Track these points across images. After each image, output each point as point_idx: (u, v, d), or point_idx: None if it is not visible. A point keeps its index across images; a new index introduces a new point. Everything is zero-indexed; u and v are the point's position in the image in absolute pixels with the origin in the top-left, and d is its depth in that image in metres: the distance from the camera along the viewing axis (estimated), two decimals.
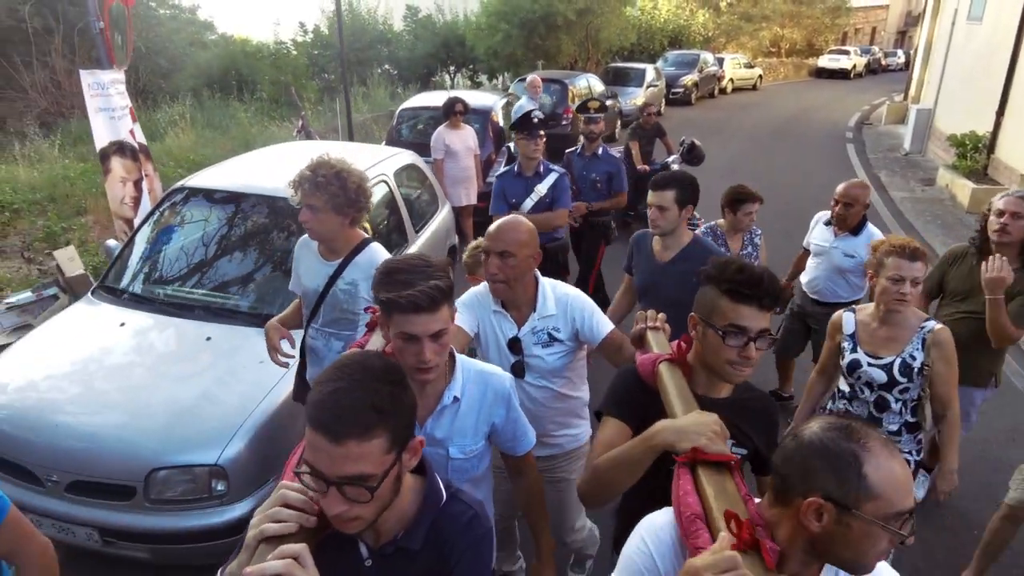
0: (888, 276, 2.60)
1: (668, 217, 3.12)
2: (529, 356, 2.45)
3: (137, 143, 5.66)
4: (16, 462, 3.04)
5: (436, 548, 1.40)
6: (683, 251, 3.18)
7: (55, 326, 3.79)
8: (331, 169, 2.66)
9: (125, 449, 2.96)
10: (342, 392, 1.20)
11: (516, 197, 4.53)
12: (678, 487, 1.40)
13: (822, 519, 1.20)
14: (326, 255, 2.84)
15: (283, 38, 19.55)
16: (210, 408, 3.09)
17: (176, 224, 4.28)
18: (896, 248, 2.61)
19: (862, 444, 1.20)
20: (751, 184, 4.18)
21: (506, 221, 2.43)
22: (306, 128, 9.02)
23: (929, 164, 12.84)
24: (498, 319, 2.48)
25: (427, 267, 1.74)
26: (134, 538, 2.97)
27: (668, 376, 1.75)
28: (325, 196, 2.63)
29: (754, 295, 1.68)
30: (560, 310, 2.46)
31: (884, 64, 36.23)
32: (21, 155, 10.38)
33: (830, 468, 1.20)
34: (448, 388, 1.88)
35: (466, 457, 1.93)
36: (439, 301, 1.69)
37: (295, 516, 1.20)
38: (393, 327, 1.72)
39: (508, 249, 2.33)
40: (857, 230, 3.89)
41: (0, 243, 7.37)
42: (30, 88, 13.32)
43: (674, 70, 21.52)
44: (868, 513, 1.17)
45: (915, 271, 2.58)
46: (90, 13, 5.23)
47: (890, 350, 2.71)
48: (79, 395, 3.21)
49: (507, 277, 2.36)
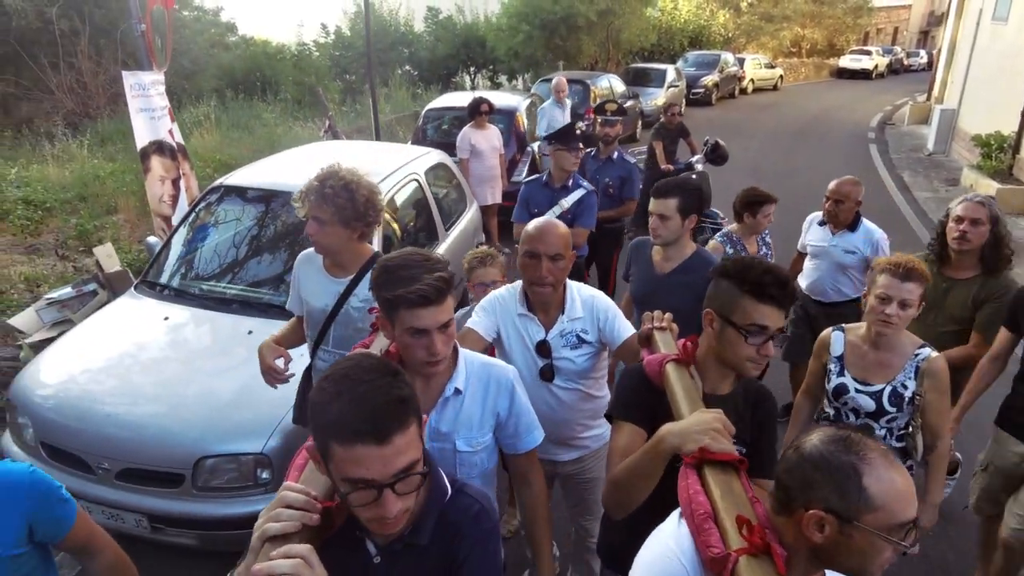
0: (876, 294, 2.44)
1: (670, 226, 2.99)
2: (558, 359, 2.44)
3: (175, 143, 5.79)
4: (68, 450, 3.15)
5: (444, 542, 1.39)
6: (685, 263, 3.06)
7: (101, 320, 3.90)
8: (340, 181, 2.53)
9: (174, 438, 3.06)
10: (364, 397, 1.19)
11: (539, 207, 4.39)
12: (686, 487, 1.41)
13: (824, 530, 1.23)
14: (334, 271, 2.67)
15: (305, 39, 19.76)
16: (254, 399, 3.16)
17: (214, 221, 4.38)
18: (891, 265, 2.44)
19: (861, 456, 1.22)
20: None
21: (546, 223, 2.41)
22: (333, 128, 9.12)
23: (953, 164, 12.74)
24: (524, 323, 2.46)
25: (425, 260, 1.73)
26: (182, 524, 3.06)
27: (675, 376, 1.76)
28: (332, 208, 2.49)
29: (779, 297, 1.71)
30: (587, 311, 2.45)
31: (906, 64, 35.88)
32: (51, 155, 10.58)
33: (830, 481, 1.22)
34: (450, 380, 1.88)
35: (474, 450, 1.92)
36: (445, 292, 1.70)
37: (297, 515, 1.21)
38: (399, 324, 1.71)
39: (560, 252, 2.33)
40: (854, 226, 3.85)
41: (34, 241, 7.53)
42: (56, 89, 13.55)
43: (694, 70, 21.48)
44: (869, 525, 1.19)
45: (905, 292, 2.39)
46: (132, 16, 5.36)
47: (881, 377, 2.52)
48: (127, 386, 3.32)
49: (556, 280, 2.35)
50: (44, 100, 13.76)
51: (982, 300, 3.11)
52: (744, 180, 11.22)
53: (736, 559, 1.22)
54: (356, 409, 1.18)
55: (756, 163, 12.57)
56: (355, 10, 20.40)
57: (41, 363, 3.53)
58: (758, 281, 1.71)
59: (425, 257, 1.75)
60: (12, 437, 3.38)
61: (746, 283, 1.72)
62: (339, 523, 1.33)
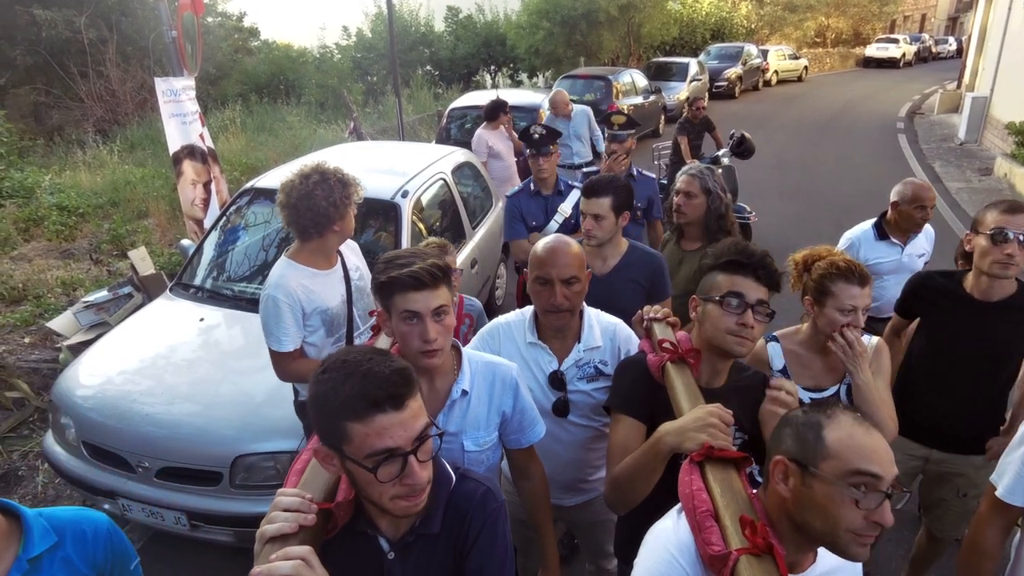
0: (837, 307, 2.19)
1: (605, 226, 2.80)
2: (573, 392, 2.21)
3: (206, 147, 5.88)
4: (109, 449, 3.21)
5: (454, 528, 1.42)
6: (623, 260, 2.88)
7: (139, 321, 3.97)
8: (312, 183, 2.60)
9: (211, 436, 3.11)
10: (371, 372, 1.23)
11: (536, 219, 4.00)
12: (688, 482, 1.41)
13: (788, 481, 1.28)
14: (323, 266, 2.73)
15: (327, 42, 19.94)
16: (288, 398, 3.18)
17: (245, 224, 4.44)
18: (843, 272, 2.20)
19: (829, 415, 1.29)
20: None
21: (556, 243, 2.16)
22: (357, 130, 9.20)
23: (985, 153, 12.49)
24: (534, 353, 2.22)
25: (425, 253, 1.79)
26: (220, 522, 3.11)
27: (675, 374, 1.78)
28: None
29: (749, 264, 1.77)
30: (607, 340, 2.23)
31: (935, 52, 35.28)
32: (83, 162, 10.81)
33: (794, 433, 1.31)
34: (456, 382, 1.87)
35: (481, 449, 1.93)
36: (439, 278, 1.73)
37: (292, 517, 1.23)
38: (395, 311, 1.74)
39: (575, 274, 2.11)
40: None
41: (69, 246, 7.69)
42: (86, 97, 13.84)
43: (717, 63, 21.33)
44: (826, 472, 1.23)
45: (866, 298, 2.21)
46: (163, 23, 5.45)
47: (832, 379, 2.33)
48: (166, 385, 3.37)
49: (573, 305, 2.13)
50: (74, 108, 14.08)
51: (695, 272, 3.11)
52: (770, 173, 11.17)
53: (736, 558, 1.23)
54: (368, 383, 1.21)
55: (781, 156, 12.41)
56: (376, 11, 20.56)
57: (81, 365, 3.61)
58: (729, 255, 1.80)
59: (424, 253, 1.81)
60: (55, 437, 3.46)
61: (720, 260, 1.82)
62: (341, 523, 1.35)
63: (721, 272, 1.80)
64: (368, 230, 4.27)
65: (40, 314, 5.70)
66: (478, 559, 1.42)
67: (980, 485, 2.64)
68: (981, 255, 2.42)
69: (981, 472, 2.64)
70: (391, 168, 4.74)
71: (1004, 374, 2.57)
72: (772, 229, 7.93)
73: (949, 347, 2.57)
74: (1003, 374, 2.56)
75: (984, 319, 2.48)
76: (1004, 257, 2.35)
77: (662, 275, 2.87)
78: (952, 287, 2.58)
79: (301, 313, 2.63)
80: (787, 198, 9.50)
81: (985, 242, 2.40)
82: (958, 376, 2.57)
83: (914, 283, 2.75)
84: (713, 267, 1.84)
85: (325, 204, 2.58)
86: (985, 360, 2.51)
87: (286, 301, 2.59)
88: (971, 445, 2.64)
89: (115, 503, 3.21)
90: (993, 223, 2.38)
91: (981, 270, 2.45)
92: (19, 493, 4.01)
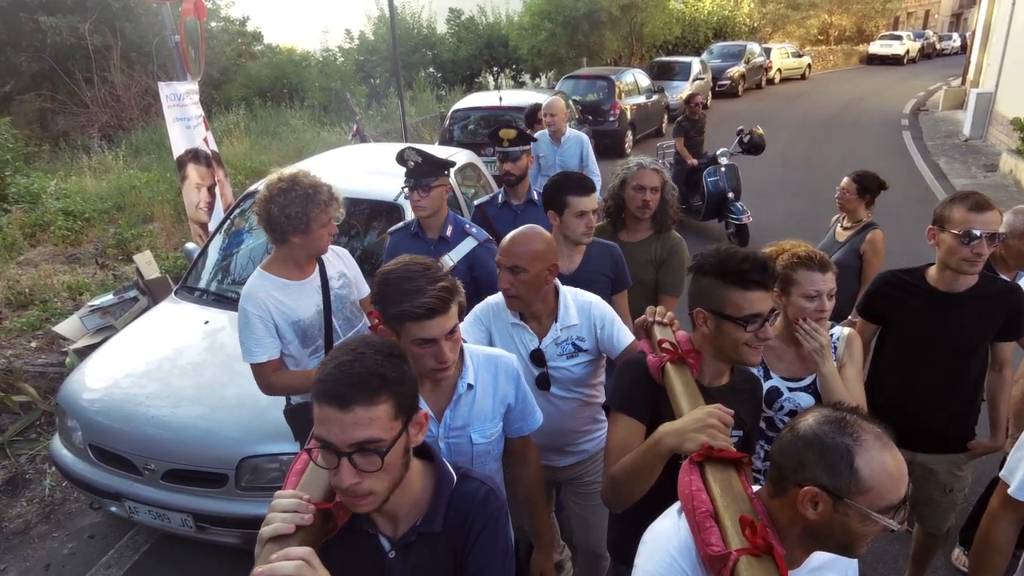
0: (802, 293, 2.24)
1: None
2: (553, 368, 2.36)
3: (210, 150, 5.90)
4: (116, 452, 3.23)
5: (455, 528, 1.42)
6: (587, 254, 2.87)
7: (144, 324, 3.99)
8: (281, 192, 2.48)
9: (217, 439, 3.12)
10: (346, 364, 1.24)
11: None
12: (688, 483, 1.41)
13: (818, 508, 1.25)
14: (297, 276, 2.64)
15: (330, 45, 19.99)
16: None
17: (250, 226, 4.45)
18: (803, 260, 2.26)
19: (855, 438, 1.24)
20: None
21: (520, 233, 2.29)
22: (361, 132, 9.23)
23: (991, 149, 12.45)
24: (517, 332, 2.37)
25: (427, 270, 1.74)
26: (226, 523, 3.12)
27: (675, 375, 1.78)
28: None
29: (763, 281, 1.72)
30: (583, 318, 2.36)
31: (939, 48, 35.14)
32: (88, 167, 10.85)
33: (822, 461, 1.25)
34: (461, 377, 1.90)
35: (488, 440, 1.96)
36: (449, 301, 1.72)
37: (289, 517, 1.24)
38: (406, 336, 1.72)
39: (519, 264, 2.20)
40: None
41: (75, 250, 7.72)
42: (91, 102, 13.90)
43: (720, 62, 21.31)
44: (862, 504, 1.22)
45: (829, 283, 2.26)
46: (167, 28, 5.48)
47: (806, 368, 2.35)
48: (172, 388, 3.38)
49: (519, 293, 2.25)
50: (79, 114, 14.14)
51: (661, 259, 3.17)
52: (773, 172, 11.15)
53: (736, 558, 1.23)
54: (335, 373, 1.23)
55: (785, 154, 12.38)
56: (378, 14, 20.61)
57: (87, 368, 3.63)
58: (739, 270, 1.72)
59: (425, 266, 1.75)
60: (62, 440, 3.48)
61: (728, 275, 1.73)
62: (341, 523, 1.35)
63: (734, 288, 1.73)
64: (371, 231, 4.28)
65: (46, 318, 5.72)
66: (479, 559, 1.43)
67: (964, 479, 2.72)
68: (948, 252, 2.41)
69: (964, 467, 2.69)
70: (394, 170, 4.74)
71: (974, 366, 2.57)
72: (776, 227, 7.90)
73: (919, 344, 2.56)
74: (973, 366, 2.57)
75: (951, 311, 2.48)
76: (973, 256, 2.35)
77: (622, 263, 2.91)
78: (916, 282, 2.57)
79: (272, 324, 2.57)
80: (791, 196, 9.50)
81: (952, 241, 2.38)
82: (928, 372, 2.56)
83: (878, 283, 2.73)
84: (718, 277, 1.76)
85: (278, 213, 2.47)
86: (954, 353, 2.52)
87: (255, 312, 2.55)
88: (952, 443, 2.65)
89: (122, 506, 3.23)
90: (961, 223, 2.35)
91: (947, 265, 2.44)
92: (26, 496, 4.03)
